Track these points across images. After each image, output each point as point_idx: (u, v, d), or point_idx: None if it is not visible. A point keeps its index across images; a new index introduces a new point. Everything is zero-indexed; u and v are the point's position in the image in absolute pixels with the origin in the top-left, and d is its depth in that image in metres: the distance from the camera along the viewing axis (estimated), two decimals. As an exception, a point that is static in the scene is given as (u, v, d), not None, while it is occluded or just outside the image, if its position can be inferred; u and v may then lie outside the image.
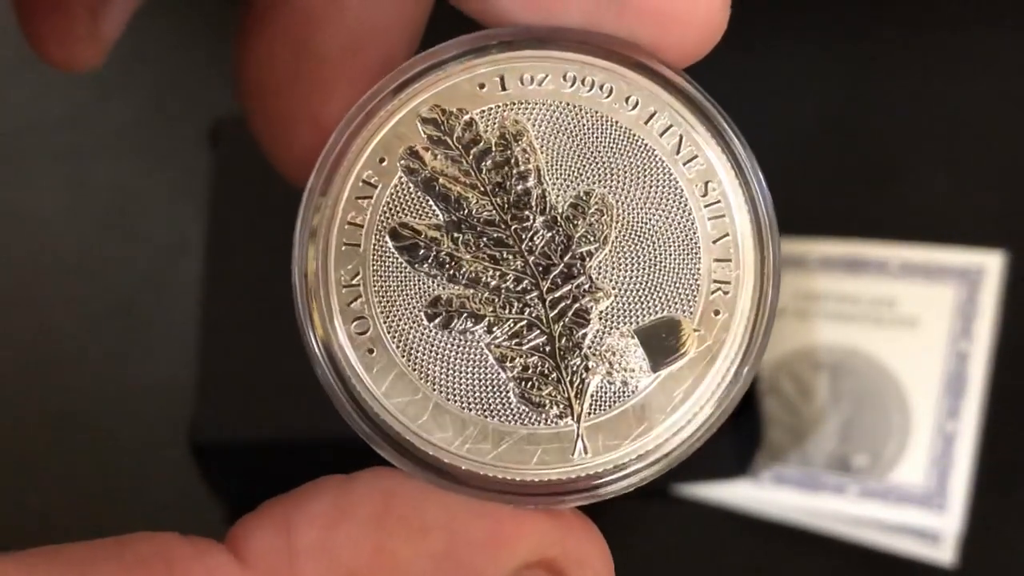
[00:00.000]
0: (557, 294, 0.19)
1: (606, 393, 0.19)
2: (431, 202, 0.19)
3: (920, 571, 0.43)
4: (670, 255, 0.19)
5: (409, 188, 0.19)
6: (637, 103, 0.20)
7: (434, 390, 0.19)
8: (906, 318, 0.46)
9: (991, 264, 0.46)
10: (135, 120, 0.53)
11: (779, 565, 0.44)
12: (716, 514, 0.45)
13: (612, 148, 0.20)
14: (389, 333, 0.19)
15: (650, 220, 0.19)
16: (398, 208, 0.19)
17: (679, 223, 0.19)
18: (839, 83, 0.52)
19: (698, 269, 0.19)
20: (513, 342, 0.19)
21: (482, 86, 0.20)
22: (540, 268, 0.19)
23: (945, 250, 0.47)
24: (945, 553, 0.43)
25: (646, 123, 0.20)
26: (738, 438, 0.44)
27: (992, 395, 0.44)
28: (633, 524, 0.44)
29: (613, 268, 0.19)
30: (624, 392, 0.19)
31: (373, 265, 0.19)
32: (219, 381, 0.42)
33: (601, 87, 0.20)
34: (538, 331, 0.19)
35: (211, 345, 0.42)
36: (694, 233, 0.19)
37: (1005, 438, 0.44)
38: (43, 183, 0.52)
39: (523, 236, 0.19)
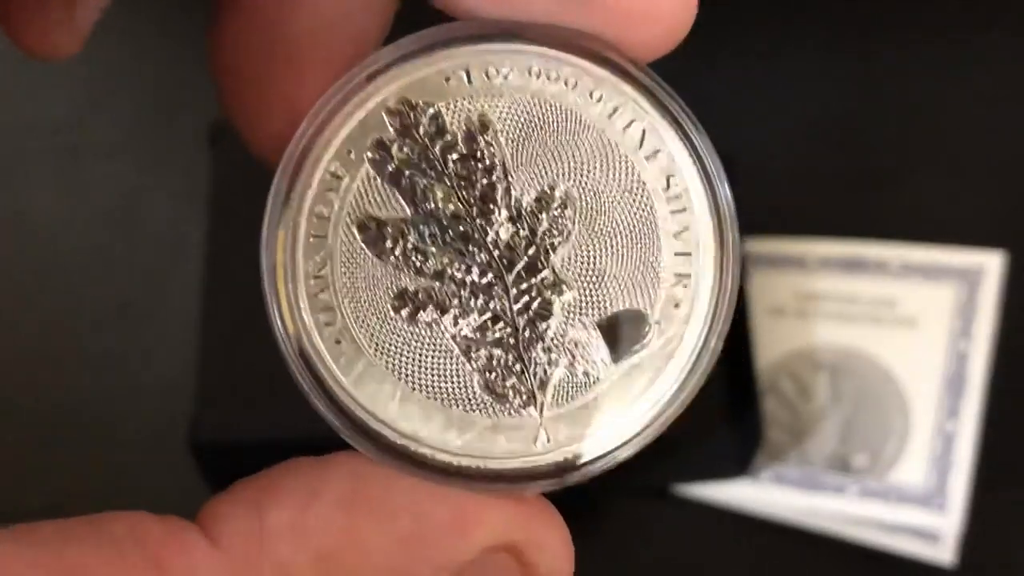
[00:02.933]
0: (521, 287, 0.19)
1: (568, 384, 0.19)
2: (398, 195, 0.19)
3: (920, 571, 0.43)
4: (632, 249, 0.19)
5: (376, 181, 0.19)
6: (601, 98, 0.20)
7: (401, 380, 0.19)
8: (906, 318, 0.46)
9: (991, 264, 0.46)
10: (135, 120, 0.53)
11: (779, 565, 0.44)
12: (716, 514, 0.45)
13: (577, 142, 0.20)
14: (356, 324, 0.19)
15: (613, 214, 0.20)
16: (365, 200, 0.19)
17: (641, 217, 0.20)
18: (839, 84, 0.52)
19: (659, 262, 0.19)
20: (478, 334, 0.19)
21: (448, 79, 0.20)
22: (505, 261, 0.19)
23: (945, 250, 0.47)
24: (945, 553, 0.43)
25: (610, 117, 0.20)
26: (738, 438, 0.44)
27: (992, 395, 0.44)
28: (633, 524, 0.44)
29: (576, 261, 0.19)
30: (586, 383, 0.19)
31: (341, 257, 0.19)
32: (219, 381, 0.42)
33: (566, 81, 0.20)
34: (502, 323, 0.19)
35: (211, 345, 0.42)
36: (655, 227, 0.20)
37: (1005, 438, 0.44)
38: (43, 183, 0.52)
39: (488, 230, 0.19)
